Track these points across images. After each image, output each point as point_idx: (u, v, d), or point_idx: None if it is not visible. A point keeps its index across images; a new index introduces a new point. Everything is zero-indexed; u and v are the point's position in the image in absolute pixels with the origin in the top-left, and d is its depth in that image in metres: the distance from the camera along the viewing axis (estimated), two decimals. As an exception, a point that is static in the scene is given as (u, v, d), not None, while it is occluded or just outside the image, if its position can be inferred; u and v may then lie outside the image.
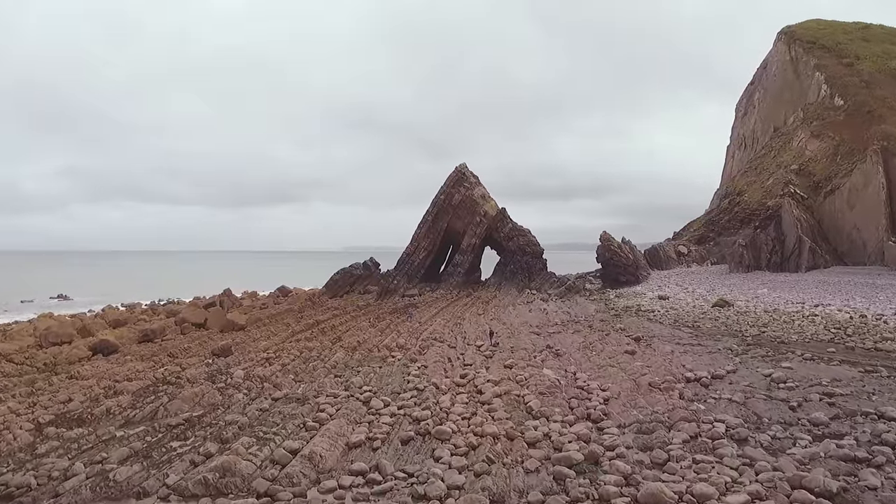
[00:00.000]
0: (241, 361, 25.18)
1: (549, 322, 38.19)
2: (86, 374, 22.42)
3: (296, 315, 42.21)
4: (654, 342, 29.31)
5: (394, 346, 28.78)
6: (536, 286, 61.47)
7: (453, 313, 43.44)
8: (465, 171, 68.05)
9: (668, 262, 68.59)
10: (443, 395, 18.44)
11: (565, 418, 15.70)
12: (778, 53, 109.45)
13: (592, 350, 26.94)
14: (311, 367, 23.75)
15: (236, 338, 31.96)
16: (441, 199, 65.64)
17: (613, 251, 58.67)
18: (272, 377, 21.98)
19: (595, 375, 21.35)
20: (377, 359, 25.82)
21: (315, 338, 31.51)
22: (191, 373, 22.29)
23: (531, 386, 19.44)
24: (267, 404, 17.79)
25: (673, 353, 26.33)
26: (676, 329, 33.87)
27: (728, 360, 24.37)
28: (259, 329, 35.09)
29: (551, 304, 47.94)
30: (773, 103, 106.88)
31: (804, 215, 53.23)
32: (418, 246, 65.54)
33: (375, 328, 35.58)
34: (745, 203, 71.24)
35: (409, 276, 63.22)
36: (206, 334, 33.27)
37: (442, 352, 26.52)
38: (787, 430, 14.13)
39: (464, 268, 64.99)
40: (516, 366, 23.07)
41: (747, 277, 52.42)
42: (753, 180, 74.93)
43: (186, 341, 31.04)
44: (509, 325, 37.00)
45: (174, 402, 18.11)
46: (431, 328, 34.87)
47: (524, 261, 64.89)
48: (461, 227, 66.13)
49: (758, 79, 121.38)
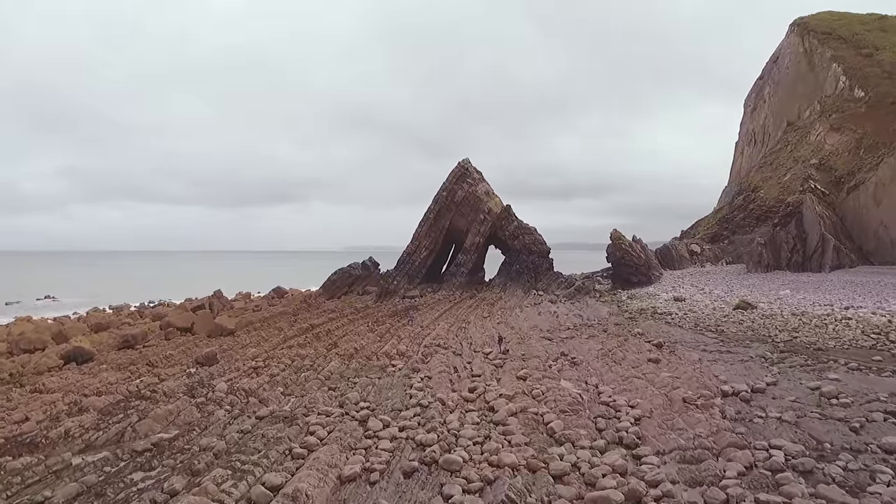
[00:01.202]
0: (225, 371, 23.23)
1: (560, 326, 36.21)
2: (52, 386, 20.51)
3: (290, 318, 40.27)
4: (677, 349, 27.32)
5: (394, 354, 26.82)
6: (543, 287, 59.52)
7: (457, 316, 41.47)
8: (469, 166, 65.96)
9: (680, 261, 66.60)
10: (450, 414, 16.47)
11: (594, 443, 13.73)
12: (790, 45, 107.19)
13: (612, 358, 24.93)
14: (303, 379, 21.79)
15: (224, 344, 30.03)
16: (443, 195, 63.55)
17: (625, 250, 56.65)
18: (258, 390, 20.02)
19: (620, 388, 19.36)
20: (376, 368, 23.85)
21: (309, 344, 29.55)
22: (169, 385, 20.34)
23: (550, 402, 17.46)
24: (249, 424, 15.82)
25: (701, 361, 24.34)
26: (699, 334, 31.88)
27: (764, 369, 22.39)
28: (249, 334, 33.16)
29: (561, 307, 45.94)
30: (785, 97, 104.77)
31: (826, 212, 51.26)
32: (419, 245, 63.49)
33: (374, 333, 33.62)
34: (760, 200, 69.23)
35: (409, 276, 61.22)
36: (192, 340, 31.34)
37: (447, 360, 24.54)
38: (859, 460, 12.17)
39: (467, 268, 62.95)
40: (530, 377, 21.09)
41: (767, 278, 50.43)
42: (769, 176, 72.91)
43: (169, 348, 29.12)
44: (518, 329, 35.01)
45: (144, 421, 16.17)
46: (434, 333, 32.91)
47: (530, 260, 62.86)
48: (464, 224, 64.08)
49: (767, 73, 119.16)
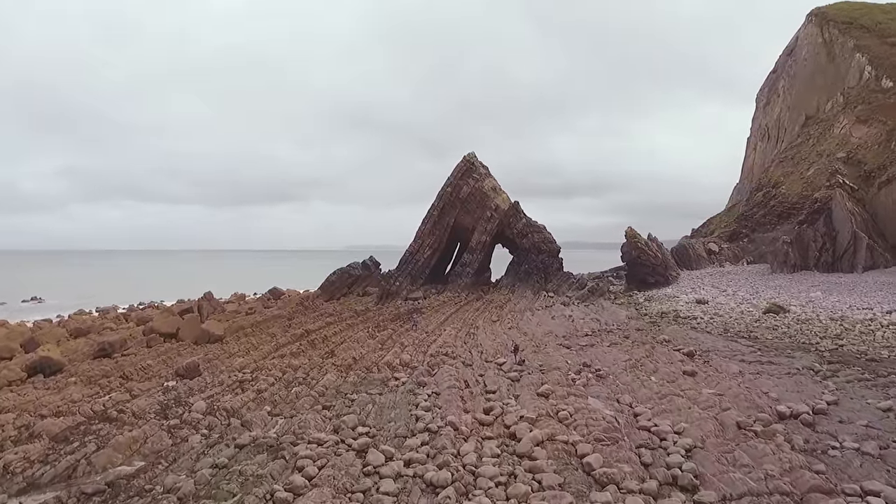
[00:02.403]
0: (207, 385, 20.94)
1: (577, 331, 33.86)
2: (6, 404, 18.29)
3: (284, 323, 37.98)
4: (712, 359, 24.97)
5: (397, 364, 24.52)
6: (553, 288, 57.15)
7: (464, 320, 39.15)
8: (474, 160, 63.48)
9: (698, 261, 64.20)
10: (464, 443, 14.16)
11: (644, 485, 11.42)
12: (808, 37, 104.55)
13: (642, 370, 22.58)
14: (294, 395, 19.48)
15: (210, 352, 27.77)
16: (448, 191, 61.06)
17: (641, 249, 54.25)
18: (242, 410, 17.73)
19: (659, 409, 17.01)
20: (377, 382, 21.55)
21: (302, 353, 27.27)
22: (140, 403, 18.05)
23: (580, 426, 15.15)
24: (227, 455, 13.53)
25: (743, 374, 22.00)
26: (731, 341, 29.52)
27: (817, 384, 20.04)
28: (238, 341, 30.90)
29: (575, 310, 43.59)
30: (803, 90, 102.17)
31: (857, 208, 48.90)
32: (423, 244, 61.02)
33: (375, 339, 31.31)
34: (782, 196, 66.79)
35: (412, 277, 58.80)
36: (176, 348, 29.07)
37: (456, 372, 22.21)
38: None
39: (473, 268, 60.49)
40: (553, 394, 18.75)
41: (794, 278, 48.03)
42: (790, 171, 70.44)
43: (150, 357, 26.87)
44: (532, 335, 32.67)
45: (103, 451, 13.91)
46: (441, 340, 30.59)
47: (539, 260, 60.41)
48: (470, 222, 61.63)
49: (780, 66, 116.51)
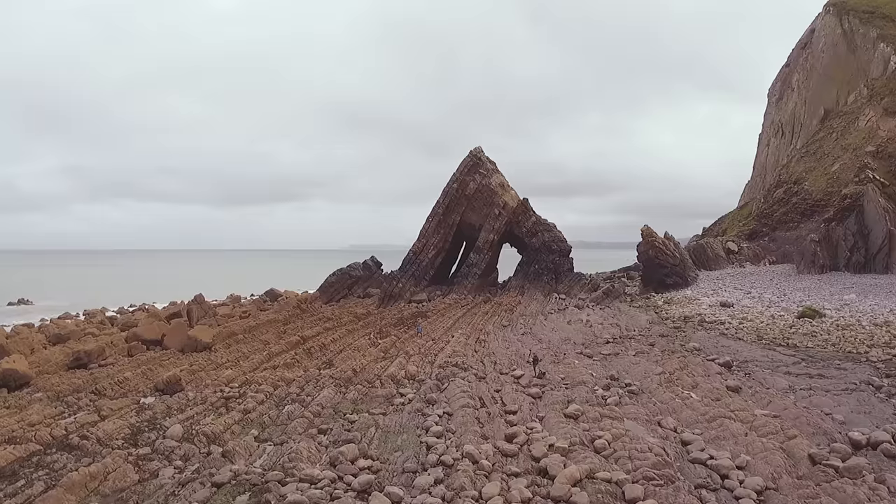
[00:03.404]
0: (188, 404, 18.76)
1: (597, 338, 31.60)
2: (-46, 429, 16.02)
3: (279, 328, 35.81)
4: (753, 371, 22.71)
5: (402, 377, 22.32)
6: (565, 289, 54.92)
7: (473, 325, 36.93)
8: (481, 155, 61.23)
9: (716, 261, 61.84)
10: (487, 482, 11.95)
11: (719, 547, 9.14)
12: (825, 28, 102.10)
13: (679, 384, 20.30)
14: (286, 416, 17.29)
15: (196, 362, 25.62)
16: (454, 187, 58.81)
17: (658, 249, 51.93)
18: (224, 435, 15.55)
19: (710, 435, 14.78)
20: (380, 399, 19.34)
21: (298, 363, 25.08)
22: (108, 427, 15.89)
23: (623, 459, 12.94)
24: (200, 499, 11.32)
25: (794, 389, 19.76)
26: (768, 349, 27.24)
27: (883, 402, 17.70)
28: (228, 349, 28.74)
29: (591, 314, 41.32)
30: (821, 83, 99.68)
31: (890, 205, 46.57)
32: (427, 243, 58.81)
33: (377, 347, 29.10)
34: (805, 192, 64.40)
35: (416, 278, 56.60)
36: (159, 357, 26.92)
37: (469, 387, 20.00)
38: None
39: (480, 268, 58.24)
40: (584, 415, 16.53)
41: (824, 280, 45.69)
42: (812, 167, 68.03)
43: (129, 367, 24.73)
44: (548, 342, 30.45)
45: (52, 493, 11.75)
46: (449, 348, 28.37)
47: (550, 260, 58.11)
48: (477, 220, 59.40)
49: (794, 60, 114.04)
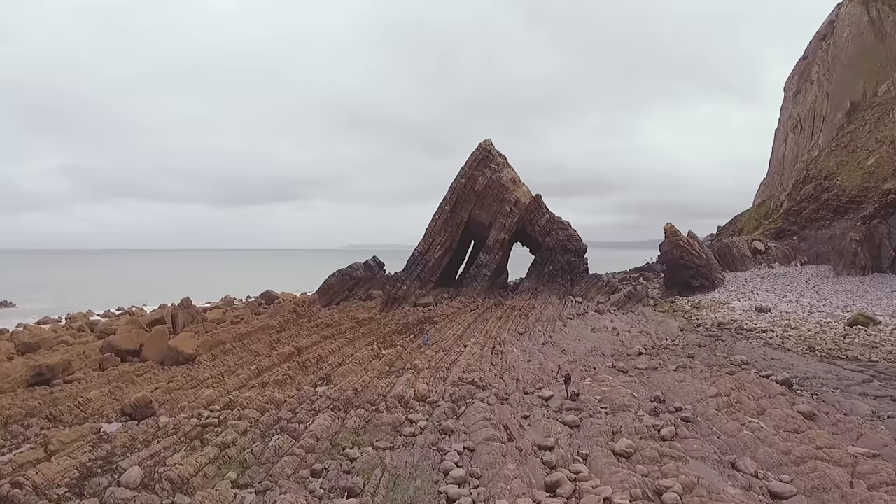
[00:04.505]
0: (156, 434, 15.94)
1: (627, 349, 28.69)
2: None
3: (272, 336, 32.97)
4: (819, 390, 19.88)
5: (410, 398, 19.46)
6: (581, 292, 51.89)
7: (486, 333, 34.05)
8: (491, 148, 58.16)
9: (742, 261, 58.81)
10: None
11: None
12: (850, 16, 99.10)
13: (739, 408, 17.43)
14: (273, 451, 14.45)
15: (174, 378, 22.79)
16: (462, 182, 55.76)
17: (683, 248, 48.92)
18: (194, 480, 12.73)
19: (804, 483, 11.93)
20: (386, 428, 16.48)
21: (290, 380, 22.25)
22: (51, 470, 13.09)
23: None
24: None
25: (879, 416, 16.95)
26: (826, 363, 24.32)
27: None
28: (213, 361, 25.91)
29: (615, 320, 38.40)
30: (845, 74, 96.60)
31: (938, 201, 43.63)
32: (433, 242, 55.73)
33: (381, 360, 26.23)
34: (837, 188, 61.40)
35: (421, 279, 53.60)
36: (133, 372, 24.10)
37: (491, 412, 17.13)
38: None
39: (490, 269, 55.18)
40: (638, 453, 13.67)
41: (867, 282, 42.72)
42: (845, 161, 64.95)
43: (96, 384, 21.95)
44: (573, 354, 27.55)
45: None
46: (462, 360, 25.47)
47: (566, 260, 55.01)
48: (486, 218, 56.35)
49: (812, 52, 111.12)
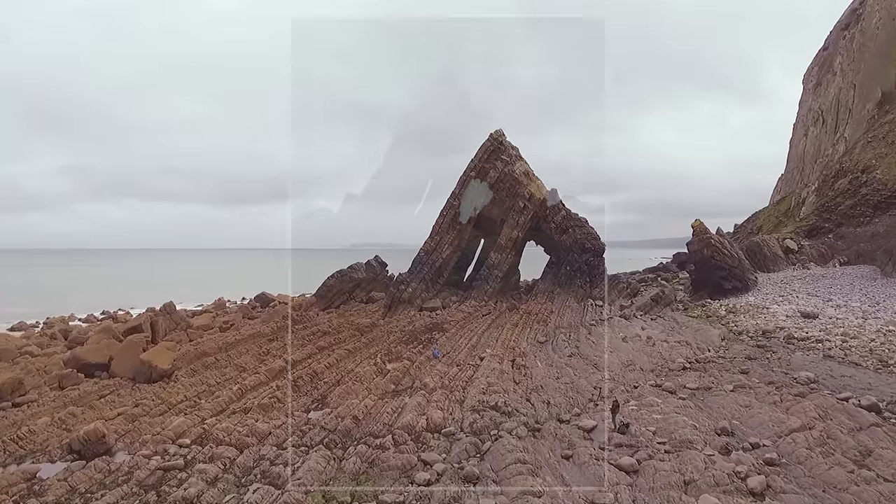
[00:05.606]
0: (103, 480, 12.78)
1: (667, 362, 25.40)
2: None
3: (263, 345, 29.73)
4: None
5: (422, 429, 16.25)
6: (600, 295, 48.60)
7: (504, 342, 30.78)
8: (503, 140, 54.67)
9: (775, 261, 55.39)
10: None
11: None
12: (878, 3, 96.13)
13: (835, 446, 14.13)
14: (245, 511, 11.22)
15: (143, 400, 19.62)
16: (471, 176, 52.48)
17: (714, 247, 45.55)
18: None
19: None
20: (394, 473, 13.27)
21: (278, 402, 19.02)
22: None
23: None
24: None
25: None
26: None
27: None
28: (191, 378, 22.69)
29: (647, 327, 35.05)
30: (875, 63, 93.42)
31: None
32: (440, 241, 52.23)
33: (385, 376, 22.97)
34: (877, 182, 58.02)
35: (428, 281, 50.10)
36: (96, 391, 20.95)
37: (523, 449, 13.89)
38: None
39: (502, 270, 51.71)
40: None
41: (921, 284, 39.29)
42: (883, 153, 61.55)
43: (50, 408, 18.82)
44: (609, 369, 24.24)
45: None
46: (480, 377, 22.21)
47: (584, 260, 51.56)
48: (498, 214, 52.88)
49: (833, 43, 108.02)
